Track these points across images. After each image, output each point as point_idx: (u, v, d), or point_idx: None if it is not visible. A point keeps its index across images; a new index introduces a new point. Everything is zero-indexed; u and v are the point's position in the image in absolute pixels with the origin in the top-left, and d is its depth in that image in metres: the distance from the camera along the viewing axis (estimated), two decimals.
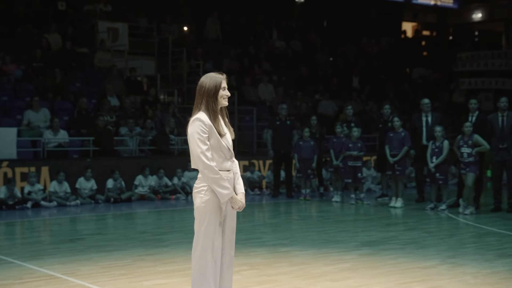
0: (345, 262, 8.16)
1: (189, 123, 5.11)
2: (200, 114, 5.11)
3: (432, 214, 12.77)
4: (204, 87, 5.15)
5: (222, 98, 5.19)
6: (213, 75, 5.18)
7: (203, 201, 5.13)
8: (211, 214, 5.15)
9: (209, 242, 5.15)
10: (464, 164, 12.47)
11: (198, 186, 5.18)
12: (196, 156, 5.05)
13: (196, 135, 5.05)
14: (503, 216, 12.35)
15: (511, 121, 12.68)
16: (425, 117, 13.77)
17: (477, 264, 8.03)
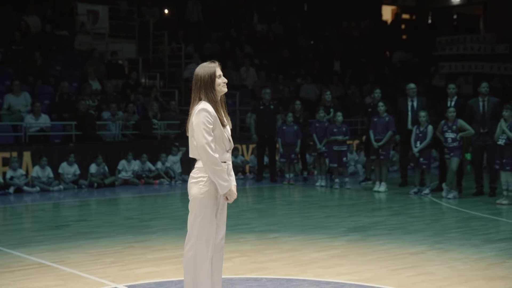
0: (334, 249, 8.19)
1: (195, 113, 5.05)
2: (205, 104, 5.07)
3: (416, 198, 12.86)
4: (200, 79, 5.11)
5: (220, 86, 5.16)
6: (205, 65, 5.17)
7: (202, 192, 5.10)
8: (208, 205, 5.12)
9: (205, 233, 5.12)
10: (448, 149, 12.56)
11: (197, 176, 5.13)
12: (201, 147, 5.00)
13: (202, 126, 5.00)
14: (485, 200, 12.48)
15: (491, 106, 12.79)
16: (410, 102, 13.82)
17: (464, 250, 8.12)
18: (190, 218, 5.18)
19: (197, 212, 5.13)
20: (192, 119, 5.07)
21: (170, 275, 6.96)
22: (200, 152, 5.03)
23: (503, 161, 11.77)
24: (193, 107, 5.16)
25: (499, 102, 12.90)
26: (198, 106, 5.08)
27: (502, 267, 7.28)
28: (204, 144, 4.99)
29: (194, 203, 5.14)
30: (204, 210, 5.12)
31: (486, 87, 12.82)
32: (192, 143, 5.14)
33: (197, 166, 5.17)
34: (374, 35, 26.87)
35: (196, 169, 5.17)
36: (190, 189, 5.19)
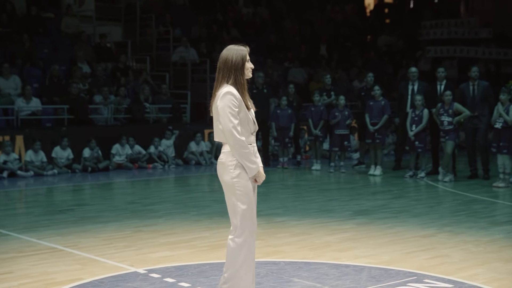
0: (344, 232, 8.23)
1: (219, 97, 5.00)
2: (229, 88, 5.03)
3: (412, 181, 12.96)
4: (231, 61, 5.05)
5: (247, 70, 5.13)
6: (237, 48, 5.11)
7: (234, 176, 5.04)
8: (244, 188, 5.07)
9: (248, 217, 5.07)
10: (443, 132, 12.65)
11: (225, 161, 5.07)
12: (227, 130, 4.96)
13: (227, 109, 4.96)
14: (481, 183, 12.61)
15: (481, 90, 12.88)
16: (411, 86, 13.85)
17: (474, 232, 8.21)
18: (230, 206, 5.11)
19: (235, 198, 5.06)
20: (217, 102, 5.01)
21: (187, 259, 6.95)
22: (227, 135, 4.99)
23: (500, 144, 11.89)
24: (217, 90, 5.09)
25: (488, 86, 12.98)
26: (223, 89, 5.02)
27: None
28: (231, 128, 4.94)
29: (229, 190, 5.08)
30: (241, 194, 5.06)
31: (476, 72, 12.92)
32: (218, 127, 5.09)
33: (224, 151, 5.12)
34: (358, 19, 26.90)
35: (223, 154, 5.12)
36: (221, 176, 5.13)
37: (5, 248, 7.38)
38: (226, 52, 5.11)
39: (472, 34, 23.43)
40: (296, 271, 6.47)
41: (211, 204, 10.36)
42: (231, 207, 5.12)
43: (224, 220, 8.96)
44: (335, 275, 6.32)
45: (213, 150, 15.85)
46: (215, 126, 5.15)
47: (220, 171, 5.15)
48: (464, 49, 22.92)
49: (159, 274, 6.33)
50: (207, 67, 18.55)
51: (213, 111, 5.11)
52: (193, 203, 10.39)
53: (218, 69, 5.12)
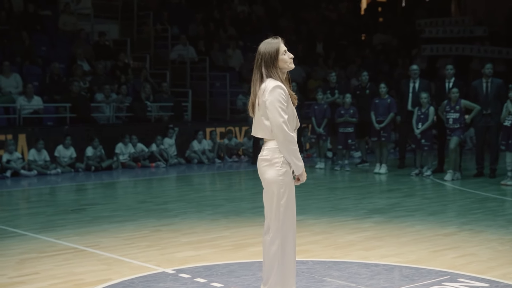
0: (365, 231, 8.19)
1: (268, 91, 4.86)
2: (275, 82, 4.91)
3: (419, 180, 12.94)
4: (262, 55, 4.95)
5: (286, 62, 5.02)
6: (268, 41, 5.02)
7: (280, 173, 4.92)
8: (289, 187, 4.96)
9: (289, 217, 4.96)
10: (449, 129, 12.64)
11: (272, 158, 4.94)
12: (278, 126, 4.84)
13: (277, 104, 4.84)
14: (487, 181, 12.61)
15: (495, 87, 12.89)
16: (412, 83, 13.85)
17: (494, 230, 8.19)
18: (271, 204, 4.96)
19: (279, 196, 4.93)
20: (266, 96, 4.87)
21: (213, 258, 6.87)
22: (276, 131, 4.86)
23: (509, 142, 11.90)
24: (256, 85, 4.97)
25: (503, 84, 12.99)
26: (271, 83, 4.89)
27: None
28: (281, 123, 4.83)
29: (274, 187, 4.93)
30: (286, 192, 4.93)
31: (490, 68, 12.93)
32: (262, 122, 4.96)
33: (268, 148, 4.96)
34: (352, 18, 26.90)
35: (268, 150, 4.96)
36: (265, 173, 4.98)
37: (25, 248, 7.27)
38: (262, 45, 5.02)
39: (467, 33, 23.48)
40: (327, 270, 6.42)
41: (224, 203, 10.28)
42: (272, 205, 4.96)
43: (241, 219, 8.92)
44: (367, 274, 6.27)
45: (215, 148, 15.75)
46: (258, 122, 5.01)
47: (263, 168, 5.00)
48: (460, 47, 22.95)
49: (189, 274, 6.25)
50: (206, 65, 18.43)
51: (257, 106, 4.98)
52: (206, 202, 10.31)
53: (255, 65, 5.01)
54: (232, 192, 11.58)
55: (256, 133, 5.11)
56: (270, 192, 4.99)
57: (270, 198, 4.99)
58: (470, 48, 23.04)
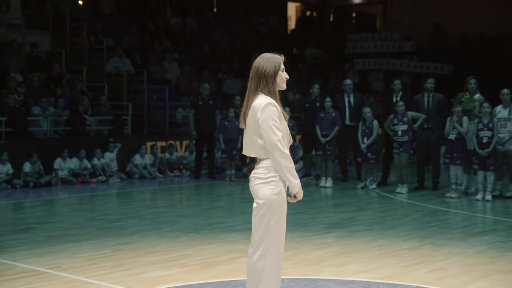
0: (330, 246, 8.14)
1: (260, 108, 4.75)
2: (267, 98, 4.80)
3: (364, 193, 13.02)
4: (263, 69, 4.83)
5: (282, 80, 4.92)
6: (270, 56, 4.89)
7: (275, 193, 4.79)
8: (282, 207, 4.85)
9: (278, 238, 4.85)
10: (397, 143, 12.80)
11: (266, 177, 4.81)
12: (272, 144, 4.72)
13: (271, 121, 4.73)
14: (432, 194, 12.79)
15: (436, 102, 13.15)
16: (347, 98, 14.02)
17: (456, 244, 8.29)
18: (260, 223, 4.82)
19: (271, 215, 4.80)
20: (258, 114, 4.74)
21: (185, 278, 6.67)
22: (270, 149, 4.73)
23: (453, 155, 12.14)
24: (250, 99, 4.86)
25: (443, 98, 13.27)
26: (262, 100, 4.77)
27: (506, 260, 7.48)
28: (276, 141, 4.71)
29: (266, 206, 4.80)
30: (278, 212, 4.82)
31: (432, 83, 13.18)
32: (254, 141, 4.83)
33: (263, 166, 4.83)
34: (283, 31, 27.09)
35: (263, 168, 4.83)
36: (258, 191, 4.84)
37: None
38: (259, 60, 4.89)
39: (396, 48, 23.98)
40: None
41: (178, 219, 10.03)
42: (261, 225, 4.82)
43: (201, 236, 8.72)
44: None
45: (156, 163, 15.45)
46: (249, 140, 4.88)
47: (257, 185, 4.85)
48: (390, 62, 23.43)
49: None
50: (144, 78, 18.10)
51: (249, 123, 4.86)
52: (160, 219, 10.04)
53: (251, 79, 4.90)
54: (183, 208, 11.35)
55: (248, 152, 4.96)
56: (261, 210, 4.84)
57: (260, 216, 4.84)
58: (400, 63, 23.54)
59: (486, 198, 11.82)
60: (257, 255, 4.85)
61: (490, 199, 11.80)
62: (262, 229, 4.83)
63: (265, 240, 4.83)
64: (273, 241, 4.84)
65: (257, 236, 4.86)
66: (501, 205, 11.50)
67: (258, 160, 4.91)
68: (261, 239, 4.84)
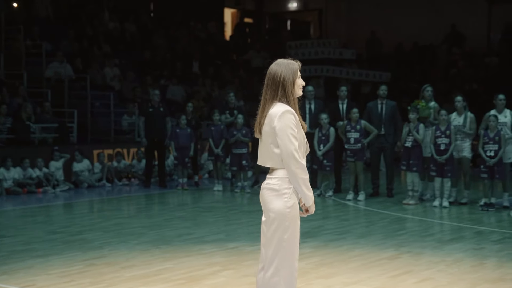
0: (310, 257, 8.00)
1: (277, 116, 4.55)
2: (285, 106, 4.61)
3: (321, 200, 12.94)
4: (280, 76, 4.63)
5: (298, 87, 4.73)
6: (287, 62, 4.70)
7: (289, 205, 4.58)
8: (296, 220, 4.65)
9: (292, 253, 4.64)
10: (351, 151, 12.79)
11: (280, 188, 4.59)
12: (289, 154, 4.51)
13: (289, 130, 4.54)
14: (388, 201, 12.83)
15: (389, 109, 13.23)
16: (308, 104, 13.95)
17: (432, 252, 8.29)
18: (272, 238, 4.61)
19: (284, 230, 4.59)
20: (275, 122, 4.56)
21: None
22: (286, 159, 4.53)
23: (410, 162, 12.22)
24: (266, 108, 4.66)
25: (396, 106, 13.36)
26: (279, 108, 4.58)
27: (487, 268, 7.50)
28: (293, 151, 4.52)
29: (279, 220, 4.59)
30: (292, 226, 4.62)
31: (385, 90, 13.25)
32: (270, 150, 4.63)
33: (277, 177, 4.62)
34: (221, 37, 26.90)
35: (277, 179, 4.62)
36: (271, 203, 4.62)
37: None
38: (275, 67, 4.69)
39: (337, 55, 24.17)
40: None
41: (144, 231, 9.68)
42: (274, 240, 4.61)
43: (173, 248, 8.43)
44: None
45: (104, 171, 14.97)
46: (266, 149, 4.67)
47: (268, 198, 4.64)
48: (330, 69, 23.59)
49: None
50: (86, 84, 17.55)
51: (265, 132, 4.65)
52: (124, 231, 9.66)
53: (266, 86, 4.70)
54: (145, 219, 10.95)
55: (264, 162, 4.75)
56: (273, 224, 4.62)
57: (272, 230, 4.63)
58: (340, 70, 23.73)
59: (444, 205, 11.97)
60: (271, 272, 4.64)
61: (447, 206, 11.94)
62: (275, 244, 4.62)
63: (279, 255, 4.62)
64: (287, 256, 4.64)
65: (270, 251, 4.65)
66: (458, 212, 11.65)
67: (272, 170, 4.71)
68: (274, 255, 4.63)
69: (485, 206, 11.76)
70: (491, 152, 11.62)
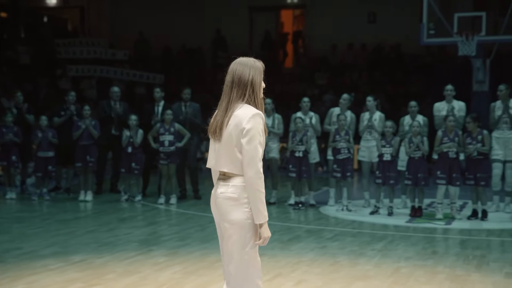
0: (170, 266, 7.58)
1: (247, 118, 4.18)
2: (252, 108, 4.25)
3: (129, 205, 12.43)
4: (249, 77, 4.28)
5: (261, 89, 4.41)
6: (252, 62, 4.34)
7: (249, 216, 4.23)
8: (256, 230, 4.28)
9: (256, 264, 4.32)
10: (165, 154, 12.45)
11: (240, 197, 4.23)
12: (252, 160, 4.15)
13: (258, 136, 4.18)
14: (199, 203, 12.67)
15: (192, 111, 13.04)
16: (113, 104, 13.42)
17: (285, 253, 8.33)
18: (233, 251, 4.27)
19: (244, 241, 4.25)
20: (243, 124, 4.18)
21: None
22: (248, 166, 4.16)
23: None
24: (230, 107, 4.29)
25: (199, 107, 13.21)
26: (248, 110, 4.23)
27: (346, 266, 7.70)
28: (257, 160, 4.17)
29: (239, 232, 4.24)
30: (252, 238, 4.26)
31: (188, 94, 13.06)
32: (232, 154, 4.23)
33: (234, 184, 4.25)
34: None
35: (234, 187, 4.24)
36: (229, 214, 4.25)
37: None
38: (241, 67, 4.31)
39: (109, 55, 23.55)
40: None
41: None
42: (235, 253, 4.27)
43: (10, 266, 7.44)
44: None
45: None
46: (225, 153, 4.27)
47: (226, 208, 4.26)
48: (104, 69, 22.89)
49: None
50: None
51: (228, 134, 4.24)
52: None
53: (231, 87, 4.30)
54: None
55: (220, 166, 4.33)
56: (233, 237, 4.26)
57: (233, 243, 4.26)
58: (113, 71, 23.13)
59: None
60: (236, 279, 4.30)
61: None
62: (237, 258, 4.27)
63: (244, 270, 4.28)
64: (252, 268, 4.30)
65: (231, 266, 4.31)
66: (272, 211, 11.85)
67: (227, 177, 4.32)
68: (237, 270, 4.29)
69: (295, 205, 12.15)
70: (299, 153, 12.01)
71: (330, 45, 24.56)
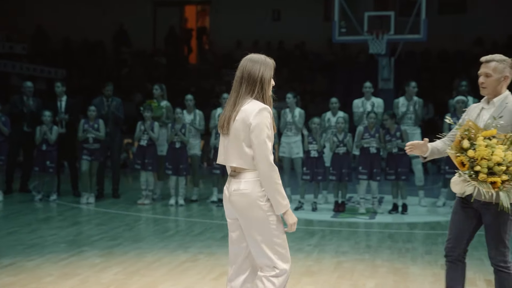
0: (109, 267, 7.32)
1: (254, 113, 4.23)
2: (260, 104, 4.29)
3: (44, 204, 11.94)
4: (259, 74, 4.34)
5: (271, 87, 4.47)
6: (263, 59, 4.41)
7: (267, 209, 4.29)
8: (279, 219, 4.37)
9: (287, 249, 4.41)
10: (89, 150, 12.03)
11: (252, 192, 4.28)
12: (262, 155, 4.20)
13: (266, 129, 4.23)
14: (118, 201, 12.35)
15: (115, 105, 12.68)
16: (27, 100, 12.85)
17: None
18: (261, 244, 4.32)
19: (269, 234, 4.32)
20: (250, 119, 4.22)
21: None
22: (259, 160, 4.22)
23: (145, 161, 11.96)
24: (238, 102, 4.32)
25: (121, 103, 12.89)
26: (256, 105, 4.27)
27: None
28: (267, 153, 4.23)
29: (261, 227, 4.32)
30: (276, 228, 4.34)
31: (110, 91, 12.71)
32: (241, 149, 4.28)
33: (246, 180, 4.30)
34: None
35: (247, 183, 4.30)
36: (247, 211, 4.30)
37: None
38: (251, 64, 4.37)
39: (6, 48, 22.61)
40: None
41: None
42: (264, 245, 4.32)
43: None
44: None
45: None
46: (233, 147, 4.31)
47: (243, 204, 4.30)
48: (2, 63, 21.91)
49: None
50: None
51: (235, 128, 4.28)
52: None
53: (241, 80, 4.35)
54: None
55: (229, 161, 4.36)
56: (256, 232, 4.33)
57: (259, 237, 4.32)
58: (12, 65, 22.21)
59: (180, 203, 11.96)
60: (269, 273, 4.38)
61: (183, 204, 11.97)
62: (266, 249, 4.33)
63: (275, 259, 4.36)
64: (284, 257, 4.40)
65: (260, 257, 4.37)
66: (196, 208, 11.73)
67: (237, 173, 4.34)
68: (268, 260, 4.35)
69: (218, 202, 12.07)
70: None
71: (235, 42, 24.55)
